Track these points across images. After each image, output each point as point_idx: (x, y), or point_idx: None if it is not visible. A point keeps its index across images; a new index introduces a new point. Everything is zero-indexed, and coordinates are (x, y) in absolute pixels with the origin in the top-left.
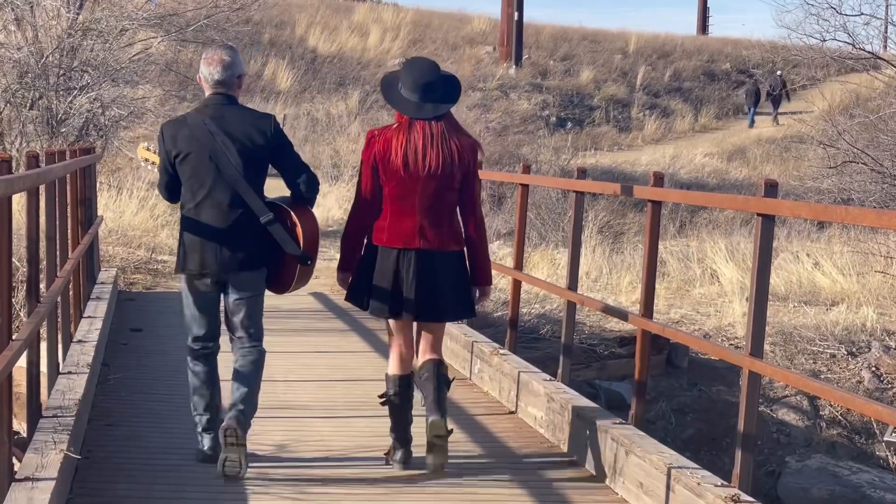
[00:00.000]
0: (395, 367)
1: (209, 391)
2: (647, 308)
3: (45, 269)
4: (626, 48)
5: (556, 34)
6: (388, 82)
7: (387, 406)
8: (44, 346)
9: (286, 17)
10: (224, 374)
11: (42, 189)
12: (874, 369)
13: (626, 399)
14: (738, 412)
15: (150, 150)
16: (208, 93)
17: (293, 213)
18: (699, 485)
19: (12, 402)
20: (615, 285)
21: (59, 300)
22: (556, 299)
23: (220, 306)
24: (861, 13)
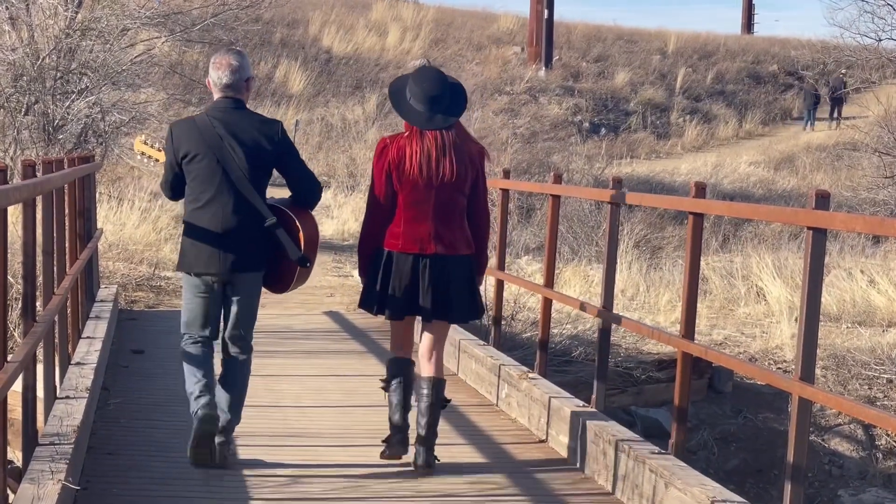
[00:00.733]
0: (396, 352)
1: (208, 370)
2: (688, 329)
3: (41, 286)
4: (665, 48)
5: (589, 33)
6: (396, 89)
7: (386, 391)
8: (40, 369)
9: (299, 16)
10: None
11: (39, 200)
12: None
13: (666, 427)
14: (787, 442)
15: (146, 143)
16: (217, 96)
17: (295, 217)
18: None
19: (7, 429)
20: (653, 304)
21: (56, 319)
22: (590, 319)
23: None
24: None
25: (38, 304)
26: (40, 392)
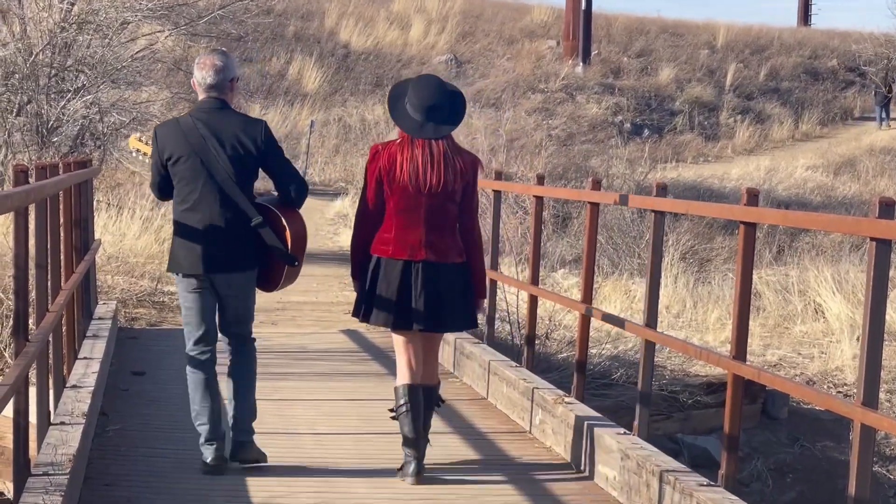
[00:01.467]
0: (404, 378)
1: (209, 400)
2: (740, 349)
3: (34, 303)
4: (714, 42)
5: (631, 26)
6: (396, 94)
7: (398, 420)
8: (33, 393)
9: (314, 7)
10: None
11: (31, 209)
12: None
13: (715, 456)
14: (849, 473)
15: (141, 140)
16: (201, 97)
17: (282, 216)
18: None
19: None
20: (701, 321)
21: (50, 339)
22: (632, 338)
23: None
24: None
25: (31, 321)
26: (33, 418)
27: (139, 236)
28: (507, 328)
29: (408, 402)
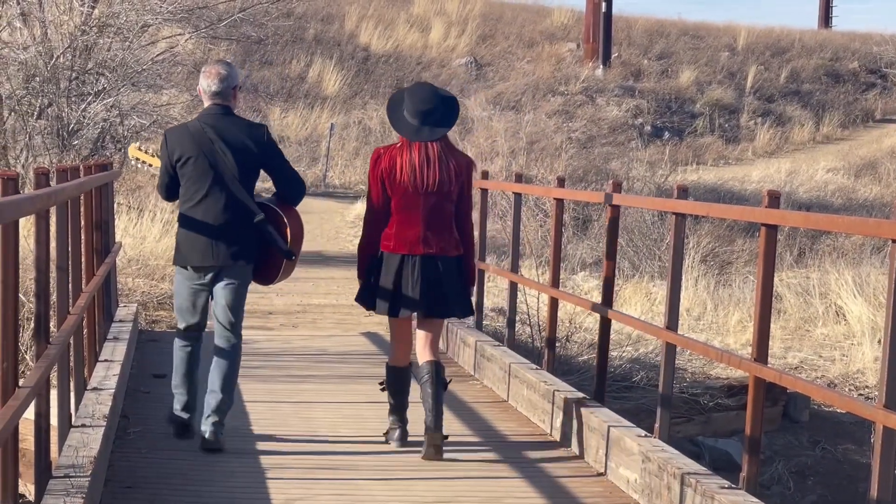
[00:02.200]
0: (395, 360)
1: (190, 374)
2: (761, 351)
3: (55, 305)
4: (734, 45)
5: (651, 28)
6: (395, 102)
7: (386, 392)
8: (54, 395)
9: (334, 10)
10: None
11: (53, 212)
12: None
13: (736, 459)
14: (870, 476)
15: (141, 150)
16: (207, 103)
17: (282, 214)
18: None
19: (18, 461)
20: (722, 324)
21: (71, 341)
22: (653, 341)
23: (209, 299)
24: None
25: (52, 324)
26: (54, 420)
27: (160, 239)
28: (527, 331)
29: (396, 380)
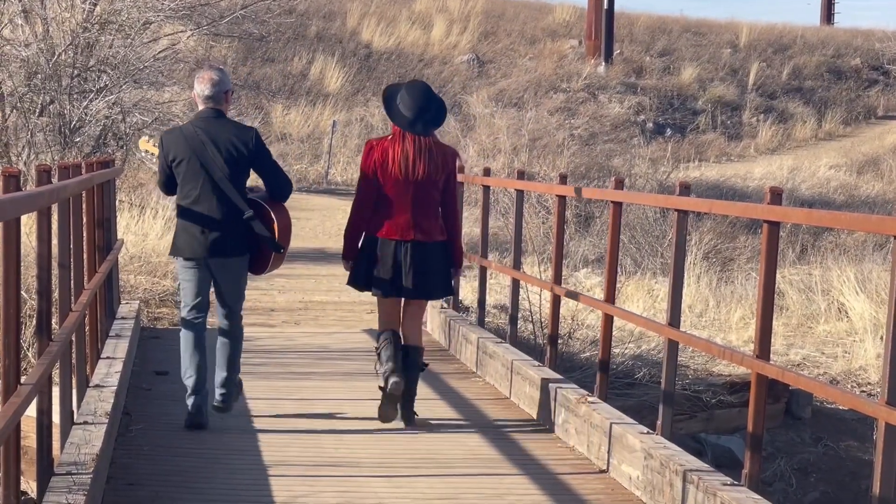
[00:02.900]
0: (384, 326)
1: (197, 358)
2: (763, 348)
3: (57, 302)
4: (736, 41)
5: (653, 25)
6: (391, 94)
7: (379, 354)
8: (56, 392)
9: (336, 7)
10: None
11: (54, 209)
12: None
13: (738, 456)
14: (873, 473)
15: (150, 142)
16: (200, 107)
17: (270, 210)
18: None
19: (20, 458)
20: (724, 321)
21: (73, 338)
22: (655, 338)
23: (211, 286)
24: None
25: (54, 321)
26: (56, 417)
27: (162, 236)
28: (529, 328)
29: (388, 339)
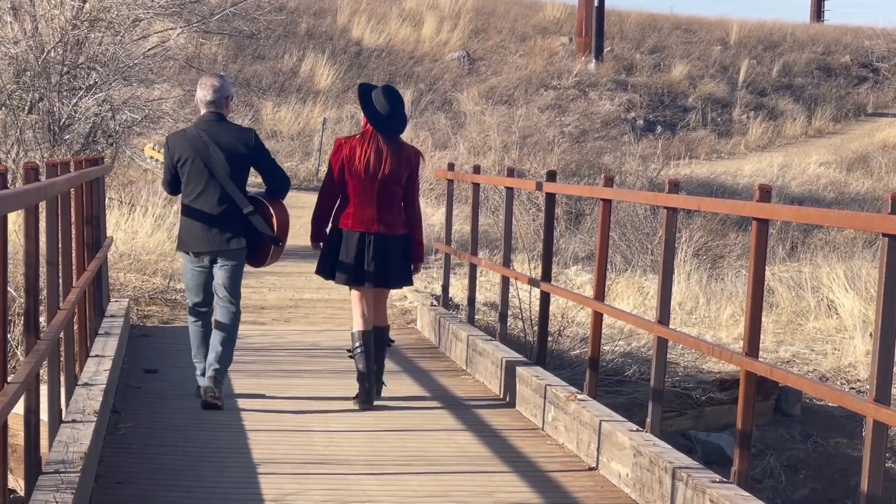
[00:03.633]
0: (359, 325)
1: (205, 343)
2: (752, 345)
3: (45, 300)
4: (727, 38)
5: (644, 22)
6: (365, 91)
7: (353, 358)
8: (44, 390)
9: (326, 5)
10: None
11: (42, 206)
12: None
13: (728, 453)
14: (861, 469)
15: (154, 149)
16: (203, 111)
17: (269, 205)
18: None
19: (7, 456)
20: (714, 318)
21: (61, 336)
22: (645, 335)
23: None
24: None
25: (42, 319)
26: (44, 415)
27: (151, 234)
28: (519, 325)
29: (362, 344)
